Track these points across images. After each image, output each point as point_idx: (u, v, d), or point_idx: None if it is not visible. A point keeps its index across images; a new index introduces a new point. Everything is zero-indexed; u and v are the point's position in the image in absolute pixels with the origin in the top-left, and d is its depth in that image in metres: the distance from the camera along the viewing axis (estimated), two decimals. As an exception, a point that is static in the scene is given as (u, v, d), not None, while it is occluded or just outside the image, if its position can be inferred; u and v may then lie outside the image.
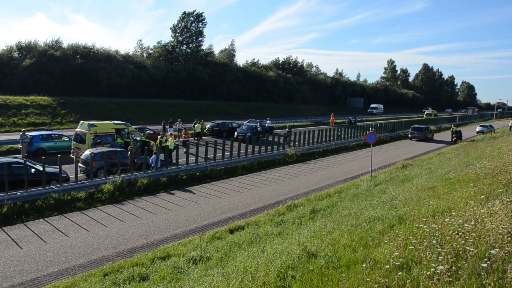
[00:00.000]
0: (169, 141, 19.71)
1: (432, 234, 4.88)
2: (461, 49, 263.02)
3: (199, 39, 62.36)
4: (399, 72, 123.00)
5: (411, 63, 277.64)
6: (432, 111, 66.21)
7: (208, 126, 31.56)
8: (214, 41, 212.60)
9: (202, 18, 62.12)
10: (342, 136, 30.13)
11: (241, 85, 64.55)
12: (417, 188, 11.07)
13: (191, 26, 61.39)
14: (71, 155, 18.19)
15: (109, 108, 39.88)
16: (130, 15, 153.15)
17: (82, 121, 19.64)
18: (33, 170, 13.33)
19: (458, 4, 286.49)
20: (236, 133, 29.39)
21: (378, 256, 4.69)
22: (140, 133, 21.42)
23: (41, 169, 12.81)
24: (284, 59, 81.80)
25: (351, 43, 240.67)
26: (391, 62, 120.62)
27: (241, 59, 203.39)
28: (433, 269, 3.60)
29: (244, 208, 13.18)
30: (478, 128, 44.27)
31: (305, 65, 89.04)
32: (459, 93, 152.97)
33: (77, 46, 49.46)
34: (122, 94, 47.38)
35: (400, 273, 3.77)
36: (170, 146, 18.95)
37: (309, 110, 66.40)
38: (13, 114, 32.26)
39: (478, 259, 3.80)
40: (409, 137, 35.79)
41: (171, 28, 61.63)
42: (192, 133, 28.24)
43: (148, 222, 11.38)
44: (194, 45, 62.21)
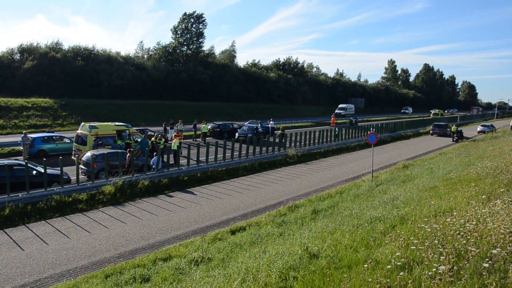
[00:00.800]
0: (173, 142, 19.72)
1: (433, 234, 4.88)
2: (462, 49, 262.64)
3: (200, 40, 62.37)
4: (399, 72, 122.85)
5: (412, 63, 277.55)
6: (439, 111, 71.80)
7: (209, 127, 31.60)
8: (215, 42, 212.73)
9: (203, 19, 62.16)
10: (340, 137, 29.79)
11: (242, 86, 64.58)
12: (419, 188, 11.06)
13: (191, 27, 61.43)
14: (72, 157, 18.23)
15: (110, 109, 39.96)
16: (130, 17, 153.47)
17: (83, 123, 19.67)
18: (34, 172, 13.35)
19: (458, 4, 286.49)
20: (237, 134, 29.41)
21: (380, 257, 4.69)
22: (141, 134, 21.44)
23: (43, 171, 12.83)
24: (284, 59, 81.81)
25: (351, 43, 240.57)
26: (392, 62, 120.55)
27: (242, 60, 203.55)
28: (434, 269, 3.60)
29: (245, 209, 13.18)
30: (479, 128, 44.17)
31: (305, 65, 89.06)
32: (460, 93, 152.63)
33: (78, 48, 49.56)
34: (123, 95, 47.45)
35: (401, 273, 3.78)
36: (173, 147, 18.99)
37: (310, 111, 66.39)
38: (14, 116, 32.35)
39: (479, 259, 3.80)
40: (431, 133, 40.15)
41: (171, 30, 61.70)
42: (183, 135, 28.11)
43: (149, 224, 11.39)
44: (195, 46, 62.24)
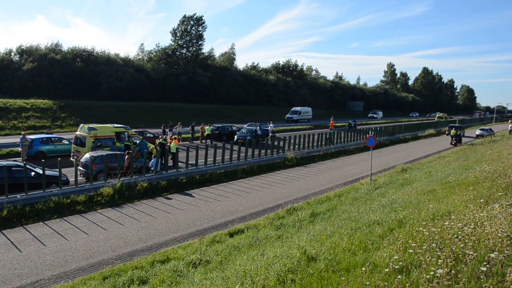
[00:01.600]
0: (172, 144, 19.70)
1: (431, 238, 4.89)
2: (461, 53, 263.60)
3: (199, 42, 62.51)
4: (398, 75, 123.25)
5: (411, 66, 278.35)
6: (443, 115, 78.29)
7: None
8: (215, 44, 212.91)
9: (202, 21, 62.31)
10: (334, 140, 28.92)
11: (241, 88, 64.68)
12: (417, 191, 11.08)
13: (191, 29, 61.56)
14: (71, 158, 18.20)
15: (109, 111, 39.97)
16: (131, 19, 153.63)
17: (82, 124, 19.66)
18: (33, 173, 13.32)
19: (458, 7, 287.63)
20: (236, 137, 29.43)
21: (378, 260, 4.69)
22: (139, 136, 21.42)
23: (41, 172, 12.82)
24: (284, 62, 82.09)
25: (351, 46, 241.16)
26: (391, 66, 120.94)
27: (241, 62, 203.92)
28: (432, 273, 3.61)
29: (243, 211, 13.17)
30: (478, 132, 44.24)
31: (305, 68, 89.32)
32: (459, 96, 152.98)
33: (77, 49, 49.64)
34: (122, 97, 47.48)
35: (399, 277, 3.78)
36: (172, 149, 18.98)
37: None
38: (13, 117, 32.33)
39: (477, 263, 3.81)
40: (446, 133, 43.07)
41: (171, 32, 61.83)
42: (180, 138, 28.09)
43: (147, 226, 11.38)
44: (194, 49, 62.36)
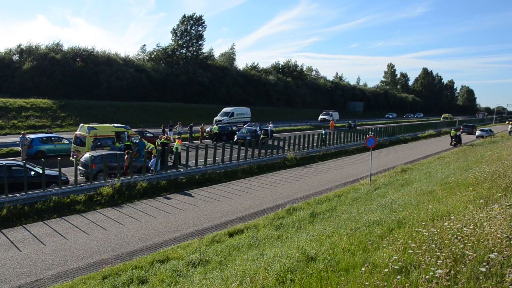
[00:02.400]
0: (175, 144, 19.74)
1: (431, 238, 4.90)
2: (461, 54, 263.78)
3: (199, 42, 62.58)
4: (398, 76, 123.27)
5: (411, 67, 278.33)
6: (448, 115, 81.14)
7: (207, 129, 31.66)
8: (215, 44, 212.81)
9: (202, 21, 62.36)
10: (327, 142, 28.03)
11: (241, 88, 64.67)
12: (417, 192, 11.09)
13: (191, 29, 61.61)
14: (71, 158, 18.20)
15: (109, 111, 39.99)
16: (131, 18, 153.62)
17: (82, 124, 19.64)
18: (32, 173, 13.32)
19: (458, 8, 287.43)
20: (235, 137, 29.44)
21: (377, 260, 4.70)
22: (139, 136, 21.41)
23: (41, 171, 12.82)
24: (284, 62, 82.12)
25: (351, 47, 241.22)
26: (391, 66, 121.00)
27: (241, 62, 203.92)
28: (431, 273, 3.62)
29: (243, 211, 13.17)
30: (478, 133, 44.27)
31: (305, 68, 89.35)
32: (459, 97, 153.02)
33: (78, 49, 49.66)
34: (122, 97, 47.49)
35: (399, 277, 3.79)
36: (174, 149, 19.03)
37: (309, 114, 66.50)
38: (13, 117, 32.34)
39: (477, 263, 3.81)
40: (461, 132, 45.19)
41: (171, 32, 61.95)
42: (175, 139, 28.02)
43: (147, 225, 11.37)
44: (194, 49, 62.41)
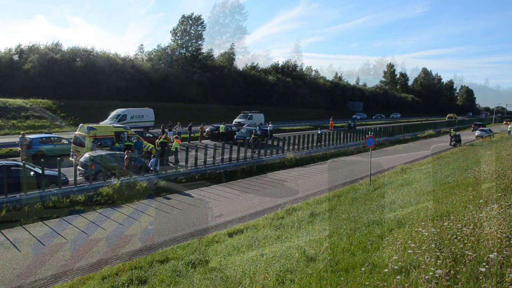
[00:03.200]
0: (174, 144, 19.74)
1: (430, 238, 4.89)
2: (461, 54, 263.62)
3: (199, 42, 62.49)
4: (398, 76, 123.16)
5: (411, 67, 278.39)
6: (453, 115, 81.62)
7: (207, 129, 31.65)
8: (214, 44, 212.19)
9: (201, 21, 62.29)
10: (322, 142, 27.62)
11: (241, 88, 64.60)
12: (416, 192, 11.09)
13: (190, 29, 61.52)
14: (70, 158, 18.17)
15: (109, 111, 39.86)
16: (130, 18, 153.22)
17: (81, 124, 19.61)
18: (32, 173, 13.30)
19: (457, 9, 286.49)
20: (235, 137, 29.42)
21: (377, 260, 4.70)
22: (138, 136, 21.38)
23: (40, 172, 12.80)
24: (283, 62, 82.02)
25: (351, 47, 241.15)
26: (391, 66, 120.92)
27: (241, 62, 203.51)
28: (431, 273, 3.61)
29: (243, 211, 13.17)
30: (477, 133, 44.23)
31: (304, 68, 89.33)
32: (458, 97, 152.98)
33: (77, 49, 49.54)
34: (122, 97, 47.39)
35: (398, 277, 3.79)
36: (172, 148, 19.05)
37: (309, 114, 66.50)
38: (12, 117, 32.29)
39: (476, 263, 3.81)
40: (472, 130, 48.55)
41: (171, 32, 61.81)
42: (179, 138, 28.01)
43: (146, 225, 11.36)
44: (193, 49, 62.33)
